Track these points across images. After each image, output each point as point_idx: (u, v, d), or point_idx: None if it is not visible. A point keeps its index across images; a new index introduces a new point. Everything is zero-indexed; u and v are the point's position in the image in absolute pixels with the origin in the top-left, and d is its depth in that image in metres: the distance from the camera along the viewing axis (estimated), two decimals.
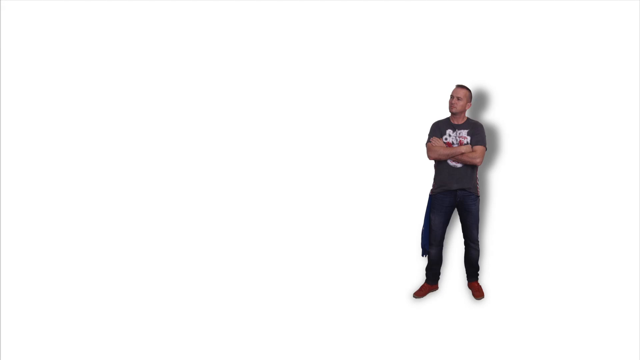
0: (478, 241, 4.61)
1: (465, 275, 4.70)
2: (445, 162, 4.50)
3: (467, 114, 4.63)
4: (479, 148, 4.47)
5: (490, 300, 4.53)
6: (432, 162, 4.60)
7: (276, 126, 5.18)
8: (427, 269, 4.65)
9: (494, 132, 5.22)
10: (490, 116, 5.25)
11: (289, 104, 5.24)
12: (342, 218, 5.17)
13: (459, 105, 4.50)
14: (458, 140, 4.51)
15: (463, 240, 4.67)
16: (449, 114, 4.59)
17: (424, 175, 4.74)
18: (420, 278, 4.72)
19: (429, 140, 4.55)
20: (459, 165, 4.48)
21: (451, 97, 4.53)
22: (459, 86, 4.56)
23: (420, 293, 4.59)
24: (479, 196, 4.58)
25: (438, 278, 4.69)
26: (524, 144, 5.31)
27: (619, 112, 5.33)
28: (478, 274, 4.68)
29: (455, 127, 4.52)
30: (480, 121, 4.72)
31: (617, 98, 5.33)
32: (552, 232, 5.24)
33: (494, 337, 3.96)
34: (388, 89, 5.25)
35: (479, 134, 4.50)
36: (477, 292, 4.58)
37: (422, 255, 4.68)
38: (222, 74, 5.25)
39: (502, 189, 5.28)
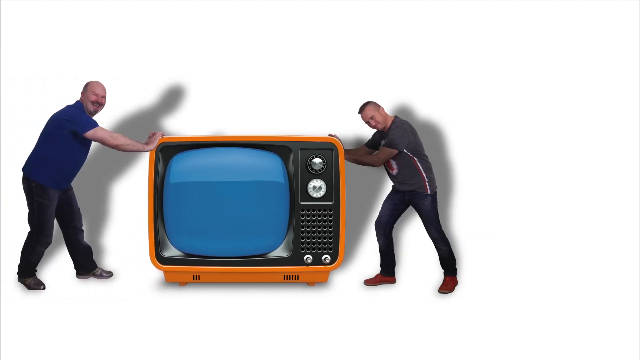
0: (440, 238, 4.55)
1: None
2: (384, 167, 4.60)
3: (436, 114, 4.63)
4: (382, 149, 4.48)
5: (490, 300, 4.49)
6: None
7: (277, 126, 5.20)
8: (380, 259, 4.70)
9: (491, 132, 5.24)
10: (486, 115, 5.25)
11: (289, 104, 5.29)
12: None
13: (377, 123, 4.51)
14: None
15: None
16: (431, 118, 4.61)
17: None
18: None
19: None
20: (392, 171, 4.51)
21: (367, 123, 4.55)
22: (361, 110, 4.55)
23: (371, 281, 4.65)
24: (430, 194, 4.52)
25: (392, 271, 4.70)
26: (522, 144, 5.30)
27: (619, 112, 5.26)
28: (456, 269, 4.60)
29: (384, 136, 4.56)
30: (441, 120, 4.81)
31: (617, 98, 5.27)
32: (552, 233, 5.20)
33: (494, 337, 3.93)
34: (386, 89, 5.26)
35: (389, 138, 4.48)
36: (444, 285, 4.56)
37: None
38: (220, 73, 5.28)
39: (499, 189, 5.28)
